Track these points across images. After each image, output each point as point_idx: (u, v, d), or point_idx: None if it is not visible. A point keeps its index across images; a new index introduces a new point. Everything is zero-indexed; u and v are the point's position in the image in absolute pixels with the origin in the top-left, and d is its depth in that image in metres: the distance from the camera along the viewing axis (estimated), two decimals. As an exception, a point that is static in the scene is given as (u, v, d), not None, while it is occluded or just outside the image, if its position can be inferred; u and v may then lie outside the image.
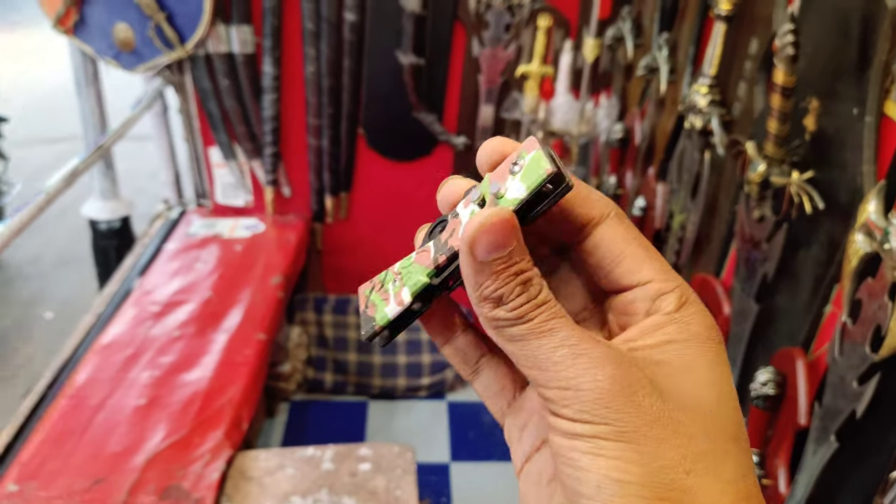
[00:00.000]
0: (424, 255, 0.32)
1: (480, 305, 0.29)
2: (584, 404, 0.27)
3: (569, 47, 1.72)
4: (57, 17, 1.63)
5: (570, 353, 0.28)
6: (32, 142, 4.08)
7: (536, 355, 0.28)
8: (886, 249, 0.64)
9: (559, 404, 0.28)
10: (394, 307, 0.32)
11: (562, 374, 0.28)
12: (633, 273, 0.31)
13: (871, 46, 0.71)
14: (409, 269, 0.32)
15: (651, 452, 0.27)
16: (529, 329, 0.29)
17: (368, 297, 0.34)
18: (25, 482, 1.08)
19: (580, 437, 0.28)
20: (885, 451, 0.66)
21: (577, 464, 0.28)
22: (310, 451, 1.21)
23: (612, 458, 0.27)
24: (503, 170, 0.30)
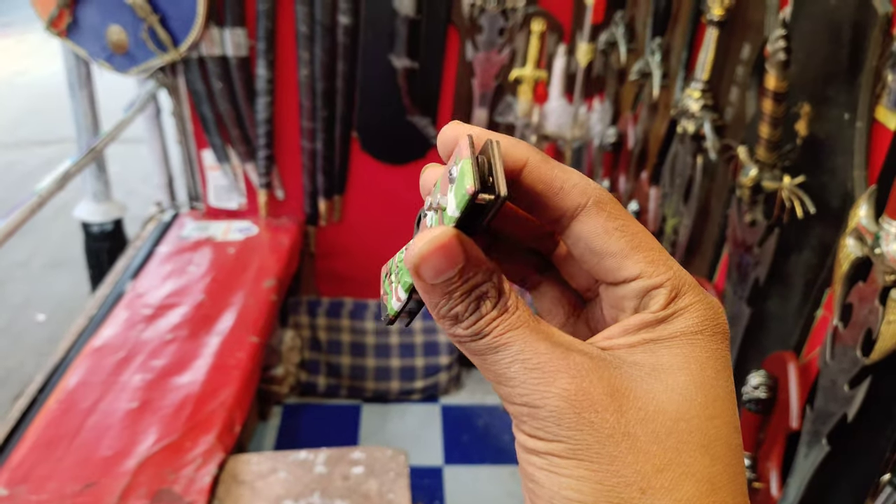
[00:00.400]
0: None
1: (441, 323, 0.29)
2: (538, 421, 0.27)
3: (562, 52, 1.72)
4: (50, 20, 1.63)
5: (521, 368, 0.27)
6: (25, 144, 4.07)
7: (495, 370, 0.28)
8: (877, 254, 0.65)
9: (518, 419, 0.28)
10: (395, 302, 0.31)
11: (517, 391, 0.27)
12: (617, 270, 0.29)
13: (862, 52, 0.72)
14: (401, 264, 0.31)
15: (605, 470, 0.26)
16: (486, 344, 0.28)
17: (383, 283, 0.33)
18: (16, 486, 1.07)
19: (536, 453, 0.27)
20: (876, 455, 0.67)
21: (533, 478, 0.27)
22: (302, 455, 1.21)
23: (565, 477, 0.27)
24: (445, 177, 0.28)
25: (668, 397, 0.27)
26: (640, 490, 0.26)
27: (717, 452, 0.27)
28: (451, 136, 0.30)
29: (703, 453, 0.27)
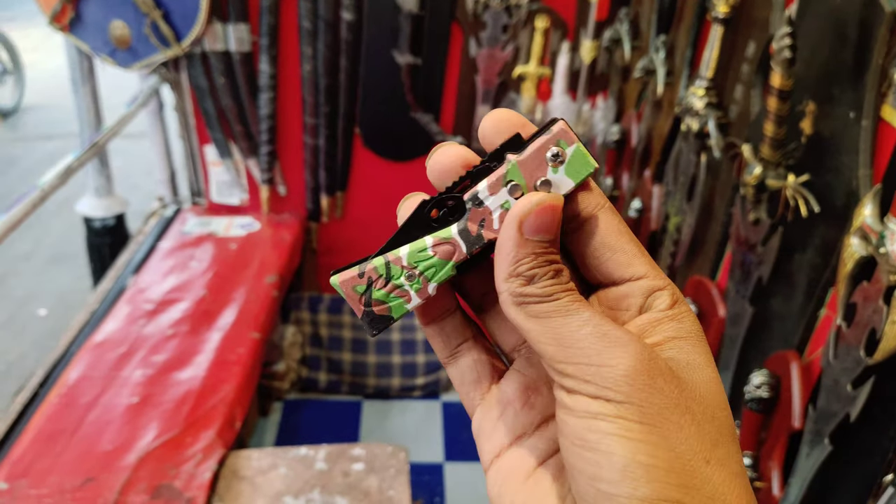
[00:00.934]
0: (447, 247, 0.31)
1: (510, 281, 0.29)
2: (608, 381, 0.27)
3: (566, 49, 1.72)
4: (53, 14, 1.62)
5: (594, 331, 0.28)
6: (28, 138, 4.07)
7: (560, 332, 0.28)
8: (882, 253, 0.64)
9: (579, 380, 0.27)
10: (417, 302, 0.32)
11: (584, 352, 0.28)
12: (626, 266, 0.31)
13: (868, 50, 0.71)
14: (430, 262, 0.31)
15: (674, 437, 0.27)
16: (556, 307, 0.29)
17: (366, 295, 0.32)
18: (16, 480, 1.07)
19: (602, 416, 0.27)
20: (879, 455, 0.66)
21: (598, 446, 0.27)
22: (303, 451, 1.21)
23: (637, 441, 0.26)
24: (537, 159, 0.30)
25: (707, 388, 0.29)
26: (704, 460, 0.27)
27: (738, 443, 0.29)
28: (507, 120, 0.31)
29: (733, 439, 0.29)
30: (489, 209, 0.30)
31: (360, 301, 0.32)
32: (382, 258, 0.32)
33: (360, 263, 0.32)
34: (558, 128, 0.30)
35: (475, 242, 0.31)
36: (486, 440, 0.34)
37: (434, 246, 0.31)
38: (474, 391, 0.35)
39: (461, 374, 0.35)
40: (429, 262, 0.31)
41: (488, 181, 0.30)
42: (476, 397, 0.35)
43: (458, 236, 0.31)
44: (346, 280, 0.32)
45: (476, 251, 0.31)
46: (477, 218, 0.31)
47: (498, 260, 0.30)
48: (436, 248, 0.31)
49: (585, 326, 0.28)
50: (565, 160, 0.30)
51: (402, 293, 0.32)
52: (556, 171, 0.30)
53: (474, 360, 0.35)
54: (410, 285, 0.31)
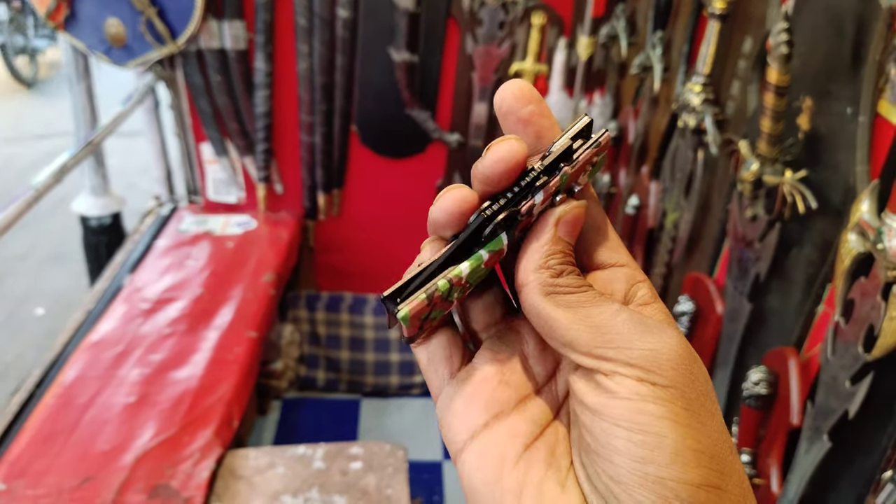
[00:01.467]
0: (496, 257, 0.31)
1: (540, 272, 0.30)
2: (654, 364, 0.27)
3: (563, 45, 1.71)
4: (48, 12, 1.62)
5: (630, 319, 0.29)
6: (24, 137, 4.06)
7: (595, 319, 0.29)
8: (879, 249, 0.64)
9: (622, 363, 0.27)
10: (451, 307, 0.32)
11: (626, 336, 0.28)
12: (612, 252, 0.32)
13: (865, 46, 0.71)
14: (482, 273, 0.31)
15: (709, 425, 0.27)
16: (588, 297, 0.30)
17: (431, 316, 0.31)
18: (13, 481, 1.07)
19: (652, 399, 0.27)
20: (878, 451, 0.66)
21: (649, 428, 0.26)
22: (301, 450, 1.21)
23: (686, 426, 0.26)
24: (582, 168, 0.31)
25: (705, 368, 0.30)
26: (729, 449, 0.27)
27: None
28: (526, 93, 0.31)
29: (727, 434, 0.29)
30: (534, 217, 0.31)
31: (418, 325, 0.31)
32: (445, 280, 0.30)
33: (417, 282, 0.30)
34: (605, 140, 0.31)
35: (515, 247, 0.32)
36: (457, 419, 0.32)
37: (488, 260, 0.31)
38: (444, 368, 0.33)
39: (430, 352, 0.33)
40: (479, 275, 0.31)
41: (545, 193, 0.30)
42: (445, 375, 0.33)
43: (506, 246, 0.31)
44: (415, 310, 0.30)
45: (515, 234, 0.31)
46: (522, 225, 0.31)
47: (530, 251, 0.30)
48: (489, 261, 0.31)
49: (621, 313, 0.29)
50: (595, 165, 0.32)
51: (447, 304, 0.31)
52: (587, 175, 0.32)
53: (446, 337, 0.33)
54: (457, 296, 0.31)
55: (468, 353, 0.34)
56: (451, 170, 1.90)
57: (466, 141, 1.85)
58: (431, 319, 0.31)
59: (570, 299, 0.29)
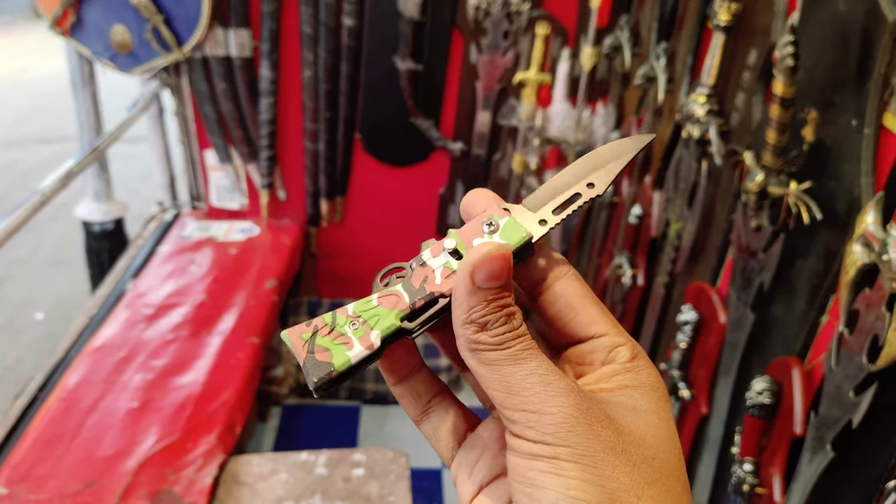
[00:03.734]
0: (392, 298, 0.33)
1: (465, 328, 0.31)
2: (548, 427, 0.30)
3: (566, 55, 1.72)
4: (54, 19, 1.62)
5: (539, 381, 0.31)
6: (26, 142, 4.07)
7: (508, 380, 0.31)
8: (885, 260, 0.64)
9: (523, 425, 0.30)
10: (359, 350, 0.33)
11: (529, 399, 0.30)
12: (589, 325, 0.34)
13: (871, 58, 0.72)
14: (373, 312, 0.33)
15: (607, 476, 0.29)
16: (506, 356, 0.31)
17: (310, 341, 0.33)
18: (16, 485, 1.07)
19: (540, 457, 0.30)
20: (881, 461, 0.67)
21: (535, 482, 0.30)
22: (303, 456, 1.21)
23: (570, 478, 0.29)
24: (474, 229, 0.34)
25: (648, 431, 0.32)
26: (636, 496, 0.30)
27: (682, 483, 0.32)
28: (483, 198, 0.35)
29: (676, 481, 0.32)
30: (431, 268, 0.33)
31: (304, 347, 0.33)
32: (330, 313, 0.34)
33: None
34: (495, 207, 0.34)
35: (417, 294, 0.33)
36: (464, 483, 0.36)
37: (379, 298, 0.33)
38: (451, 440, 0.37)
39: (434, 427, 0.37)
40: (372, 312, 0.33)
41: (431, 248, 0.34)
42: (453, 446, 0.37)
43: (401, 289, 0.33)
44: (293, 330, 0.34)
45: (420, 303, 0.33)
46: (420, 276, 0.33)
47: (454, 307, 0.32)
48: (380, 299, 0.33)
49: (532, 376, 0.31)
50: (498, 229, 0.33)
51: (345, 340, 0.33)
52: (492, 237, 0.33)
53: (446, 412, 0.37)
54: (353, 332, 0.33)
55: (471, 421, 0.38)
56: (454, 178, 1.91)
57: (470, 149, 1.85)
58: (323, 349, 0.33)
59: (491, 357, 0.31)
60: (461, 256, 0.33)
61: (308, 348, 0.33)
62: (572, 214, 0.35)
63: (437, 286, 0.33)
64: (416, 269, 0.34)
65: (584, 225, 1.69)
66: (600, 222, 1.57)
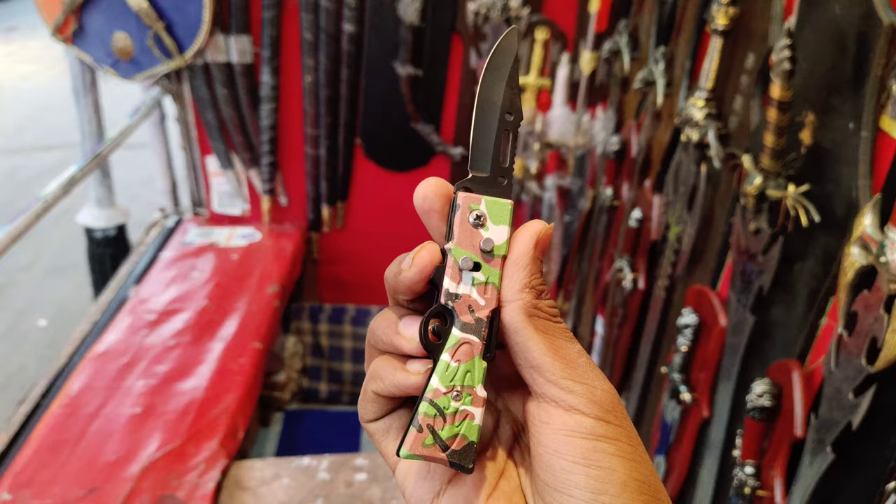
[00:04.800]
0: (463, 348, 0.32)
1: (525, 292, 0.32)
2: (607, 404, 0.31)
3: (566, 60, 1.73)
4: (56, 26, 1.63)
5: (587, 362, 0.32)
6: (28, 149, 4.08)
7: (564, 352, 0.32)
8: (882, 262, 0.65)
9: (586, 399, 0.31)
10: (479, 412, 0.33)
11: (587, 375, 0.32)
12: None
13: (867, 62, 0.72)
14: (461, 372, 0.32)
15: (644, 458, 0.31)
16: (560, 330, 0.33)
17: (437, 441, 0.33)
18: (19, 491, 1.07)
19: (604, 438, 0.31)
20: (881, 463, 0.67)
21: (602, 464, 0.30)
22: (305, 461, 1.21)
23: (631, 461, 0.31)
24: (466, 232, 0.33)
25: None
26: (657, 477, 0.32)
27: None
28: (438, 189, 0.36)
29: None
30: (468, 295, 0.33)
31: (437, 449, 0.33)
32: (425, 402, 0.32)
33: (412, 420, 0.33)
34: (462, 198, 0.33)
35: (479, 326, 0.32)
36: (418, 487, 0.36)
37: (453, 358, 0.32)
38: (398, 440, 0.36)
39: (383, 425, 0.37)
40: (461, 373, 0.32)
41: (448, 276, 0.33)
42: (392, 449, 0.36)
43: (463, 334, 0.32)
44: (413, 444, 0.33)
45: (485, 333, 0.33)
46: (464, 309, 0.33)
47: (512, 273, 0.32)
48: (456, 358, 0.32)
49: (582, 355, 0.32)
50: (486, 216, 0.33)
51: (464, 415, 0.33)
52: (487, 228, 0.33)
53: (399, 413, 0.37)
54: (464, 403, 0.32)
55: None
56: (455, 182, 1.91)
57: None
58: (453, 437, 0.32)
59: (548, 325, 0.32)
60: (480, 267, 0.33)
61: (442, 448, 0.32)
62: (514, 151, 0.35)
63: (483, 308, 0.33)
64: (454, 305, 0.33)
65: (584, 229, 1.69)
66: (601, 226, 1.57)
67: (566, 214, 1.80)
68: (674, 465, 1.12)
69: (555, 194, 1.82)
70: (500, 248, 0.33)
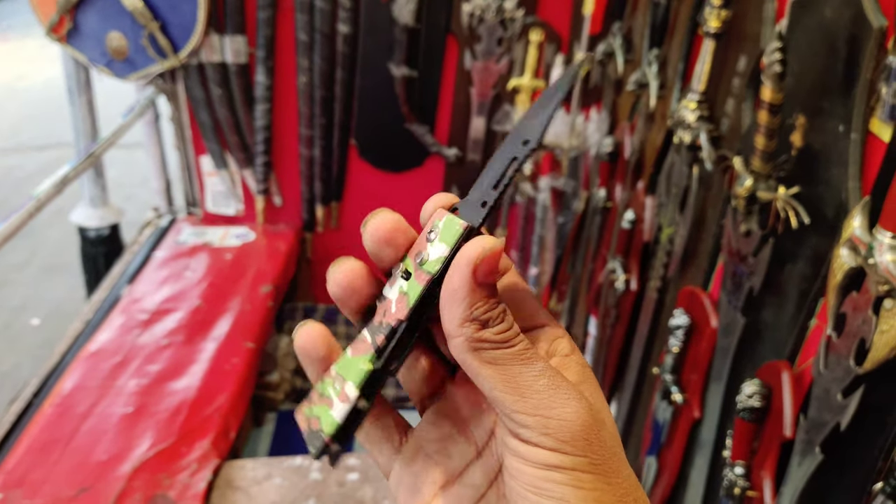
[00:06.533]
0: (360, 345, 0.32)
1: (466, 326, 0.30)
2: (565, 434, 0.29)
3: (560, 61, 1.73)
4: (50, 25, 1.63)
5: (550, 384, 0.29)
6: (23, 148, 4.07)
7: (517, 381, 0.29)
8: (871, 264, 0.65)
9: (538, 432, 0.29)
10: (340, 407, 0.32)
11: (545, 403, 0.29)
12: (532, 317, 0.34)
13: (857, 65, 0.73)
14: (347, 363, 0.32)
15: (617, 484, 0.29)
16: (513, 354, 0.30)
17: (309, 415, 0.33)
18: (10, 490, 1.07)
19: (559, 468, 0.29)
20: (869, 463, 0.67)
21: (553, 494, 0.29)
22: (297, 461, 1.21)
23: (591, 490, 0.29)
24: (420, 243, 0.32)
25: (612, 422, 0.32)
26: (634, 500, 0.30)
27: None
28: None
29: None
30: (389, 299, 0.32)
31: (306, 422, 0.33)
32: (322, 377, 0.33)
33: None
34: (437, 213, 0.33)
35: (378, 331, 0.32)
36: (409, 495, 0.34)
37: (351, 349, 0.33)
38: (386, 447, 0.36)
39: (367, 434, 0.36)
40: (346, 364, 0.32)
41: (392, 276, 0.33)
42: (389, 452, 0.36)
43: (366, 332, 0.32)
44: (299, 408, 0.34)
45: (381, 341, 0.32)
46: (381, 311, 0.32)
47: (450, 306, 0.30)
48: (353, 350, 0.33)
49: (541, 377, 0.30)
50: (438, 232, 0.31)
51: (327, 401, 0.32)
52: (432, 243, 0.31)
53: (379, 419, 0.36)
54: (334, 391, 0.32)
55: (404, 425, 0.37)
56: (449, 183, 1.91)
57: (464, 155, 1.86)
58: (314, 417, 0.32)
59: (496, 355, 0.30)
60: (410, 277, 0.32)
61: (308, 422, 0.33)
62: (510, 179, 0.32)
63: (392, 315, 0.31)
64: (378, 304, 0.33)
65: (578, 230, 1.69)
66: (594, 227, 1.58)
67: (560, 216, 1.80)
68: (665, 466, 1.12)
69: (549, 195, 1.82)
70: (430, 265, 0.31)
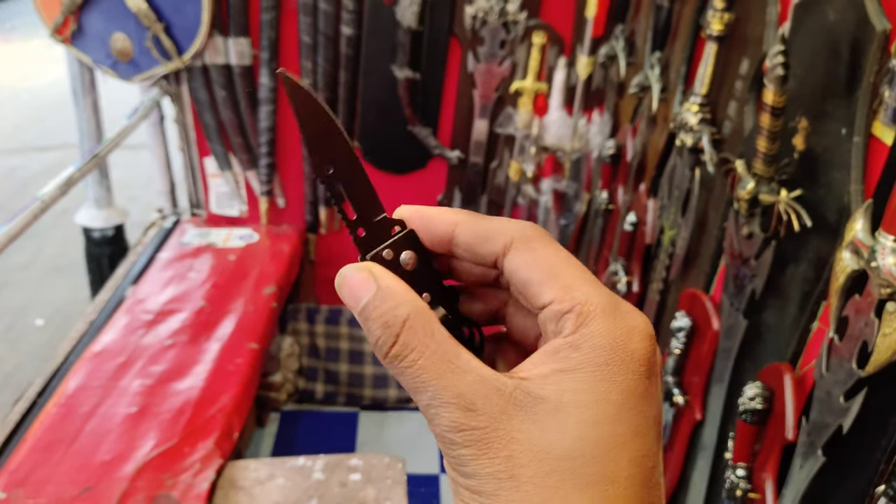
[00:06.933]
0: None
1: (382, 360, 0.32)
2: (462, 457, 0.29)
3: (562, 64, 1.74)
4: (55, 26, 1.64)
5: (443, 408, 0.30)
6: (27, 149, 4.08)
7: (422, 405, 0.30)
8: (873, 267, 0.65)
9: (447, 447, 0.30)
10: None
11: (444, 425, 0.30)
12: (537, 297, 0.31)
13: (860, 68, 0.73)
14: None
15: None
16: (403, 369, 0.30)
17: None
18: (14, 490, 1.07)
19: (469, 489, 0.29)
20: (871, 466, 0.67)
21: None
22: (300, 461, 1.21)
23: None
24: None
25: (558, 438, 0.28)
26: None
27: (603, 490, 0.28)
28: None
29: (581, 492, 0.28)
30: None
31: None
32: None
33: None
34: None
35: None
36: None
37: None
38: None
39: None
40: None
41: None
42: None
43: None
44: None
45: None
46: None
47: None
48: None
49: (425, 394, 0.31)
50: None
51: None
52: None
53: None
54: None
55: None
56: (452, 185, 1.92)
57: (467, 157, 1.86)
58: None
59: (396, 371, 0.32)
60: None
61: None
62: None
63: None
64: None
65: (580, 232, 1.70)
66: (596, 230, 1.58)
67: (562, 218, 1.80)
68: (666, 468, 1.12)
69: (551, 198, 1.83)
70: None
